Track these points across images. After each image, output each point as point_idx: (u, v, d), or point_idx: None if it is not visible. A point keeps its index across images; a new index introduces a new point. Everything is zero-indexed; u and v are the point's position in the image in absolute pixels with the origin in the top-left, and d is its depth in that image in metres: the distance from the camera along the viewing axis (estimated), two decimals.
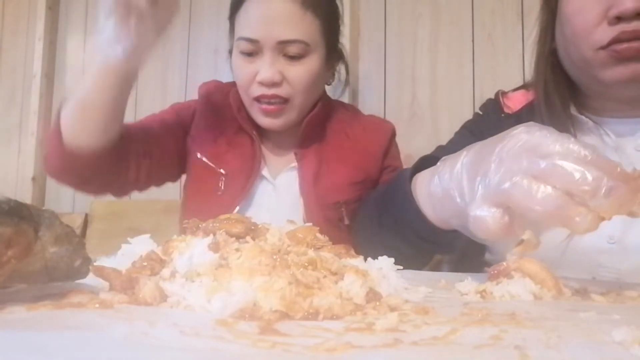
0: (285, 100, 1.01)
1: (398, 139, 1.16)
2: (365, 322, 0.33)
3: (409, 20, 1.67)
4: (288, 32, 0.98)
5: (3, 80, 2.50)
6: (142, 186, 1.06)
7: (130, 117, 2.25)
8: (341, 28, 1.13)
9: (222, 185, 1.03)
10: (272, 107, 1.00)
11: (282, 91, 0.99)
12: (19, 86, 2.43)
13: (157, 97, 2.06)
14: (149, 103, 2.08)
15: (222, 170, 1.04)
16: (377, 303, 0.38)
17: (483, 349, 0.27)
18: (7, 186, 2.34)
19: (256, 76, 0.99)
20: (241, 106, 1.08)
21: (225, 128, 1.09)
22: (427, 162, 0.68)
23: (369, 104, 1.69)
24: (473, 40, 1.59)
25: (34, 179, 2.28)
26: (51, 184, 2.32)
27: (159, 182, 1.10)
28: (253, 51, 0.99)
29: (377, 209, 0.77)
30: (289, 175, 1.08)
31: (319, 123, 1.09)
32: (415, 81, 1.66)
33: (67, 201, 2.23)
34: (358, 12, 1.72)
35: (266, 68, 0.98)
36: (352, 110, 1.23)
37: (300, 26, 0.99)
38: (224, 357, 0.25)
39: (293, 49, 0.98)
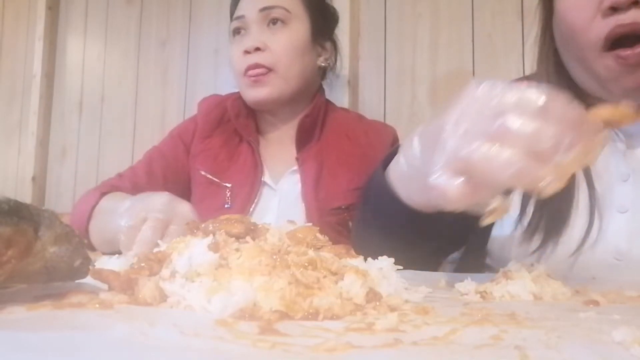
0: (269, 70, 1.05)
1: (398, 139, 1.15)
2: (365, 322, 0.33)
3: (409, 20, 1.67)
4: (269, 1, 1.07)
5: (3, 80, 2.49)
6: None
7: (130, 118, 2.24)
8: (334, 18, 1.20)
9: (229, 198, 1.05)
10: (257, 74, 1.04)
11: (264, 59, 1.04)
12: (19, 86, 2.43)
13: (157, 96, 2.06)
14: (149, 103, 2.08)
15: (227, 184, 1.06)
16: (377, 303, 0.38)
17: (483, 349, 0.27)
18: (7, 186, 2.34)
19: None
20: (239, 112, 1.11)
21: (226, 142, 1.11)
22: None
23: (369, 104, 1.69)
24: (473, 40, 1.59)
25: (34, 179, 2.28)
26: (51, 184, 2.32)
27: None
28: (241, 27, 1.08)
29: (361, 209, 0.74)
30: (290, 179, 1.08)
31: (316, 123, 1.11)
32: (415, 81, 1.66)
33: (67, 201, 2.22)
34: (358, 12, 1.72)
35: (250, 38, 1.06)
36: (354, 114, 1.25)
37: None
38: (224, 357, 0.25)
39: (275, 14, 1.06)
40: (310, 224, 0.48)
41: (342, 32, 1.64)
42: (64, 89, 2.30)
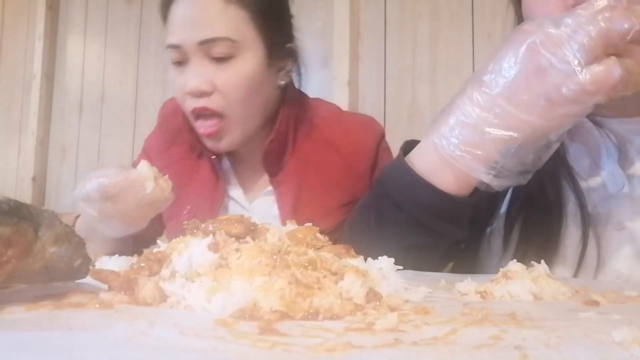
0: (219, 115, 0.87)
1: (398, 140, 1.13)
2: (365, 322, 0.33)
3: (409, 20, 1.67)
4: (208, 30, 0.85)
5: (3, 80, 2.50)
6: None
7: (130, 118, 2.24)
8: (291, 20, 0.97)
9: (186, 219, 0.95)
10: (209, 129, 0.88)
11: (212, 103, 0.86)
12: (19, 86, 2.43)
13: (157, 96, 2.06)
14: (148, 103, 2.08)
15: (186, 204, 0.94)
16: (377, 303, 0.38)
17: (483, 349, 0.27)
18: (7, 186, 2.35)
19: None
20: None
21: (186, 154, 0.99)
22: (414, 144, 0.63)
23: (369, 104, 1.69)
24: (473, 40, 1.59)
25: (34, 179, 2.29)
26: (51, 184, 2.32)
27: None
28: (180, 59, 0.88)
29: (372, 211, 0.67)
30: (265, 200, 0.96)
31: (285, 145, 0.95)
32: (415, 81, 1.66)
33: (67, 201, 2.23)
34: (358, 12, 1.72)
35: (192, 76, 0.86)
36: (332, 113, 1.04)
37: (222, 22, 0.85)
38: (224, 357, 0.25)
39: (218, 49, 0.85)
40: (310, 223, 0.48)
41: (342, 32, 1.65)
42: (64, 89, 2.31)
